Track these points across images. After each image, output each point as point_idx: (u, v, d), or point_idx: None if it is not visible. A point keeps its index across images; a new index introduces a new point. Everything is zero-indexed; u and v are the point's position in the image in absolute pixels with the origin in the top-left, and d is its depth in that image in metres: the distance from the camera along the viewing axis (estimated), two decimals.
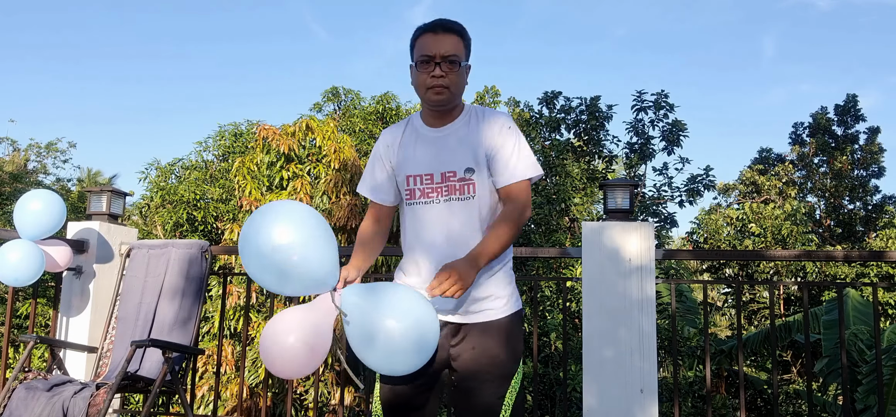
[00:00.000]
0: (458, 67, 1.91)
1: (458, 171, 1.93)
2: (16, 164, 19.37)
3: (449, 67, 1.90)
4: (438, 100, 1.92)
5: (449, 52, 1.90)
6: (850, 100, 16.87)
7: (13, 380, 3.05)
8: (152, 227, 13.26)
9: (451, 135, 1.96)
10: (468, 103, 2.04)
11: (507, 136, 1.93)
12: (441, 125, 1.98)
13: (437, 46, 1.90)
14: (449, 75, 1.89)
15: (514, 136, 1.94)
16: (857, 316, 9.40)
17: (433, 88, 1.90)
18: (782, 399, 12.11)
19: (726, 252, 14.09)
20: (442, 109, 1.96)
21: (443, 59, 1.89)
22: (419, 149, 1.98)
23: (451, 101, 1.93)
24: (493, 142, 1.93)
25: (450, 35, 1.92)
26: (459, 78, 1.92)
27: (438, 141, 1.97)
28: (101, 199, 3.81)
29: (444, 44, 1.90)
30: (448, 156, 1.95)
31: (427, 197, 1.96)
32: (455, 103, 1.96)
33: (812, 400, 3.44)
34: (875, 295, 3.34)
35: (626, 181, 3.40)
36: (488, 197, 1.94)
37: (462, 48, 1.93)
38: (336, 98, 15.23)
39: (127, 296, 3.59)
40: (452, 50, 1.90)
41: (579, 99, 13.88)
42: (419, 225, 1.96)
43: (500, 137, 1.93)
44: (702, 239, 15.08)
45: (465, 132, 1.96)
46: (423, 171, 1.96)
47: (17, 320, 11.81)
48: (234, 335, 8.86)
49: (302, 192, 8.92)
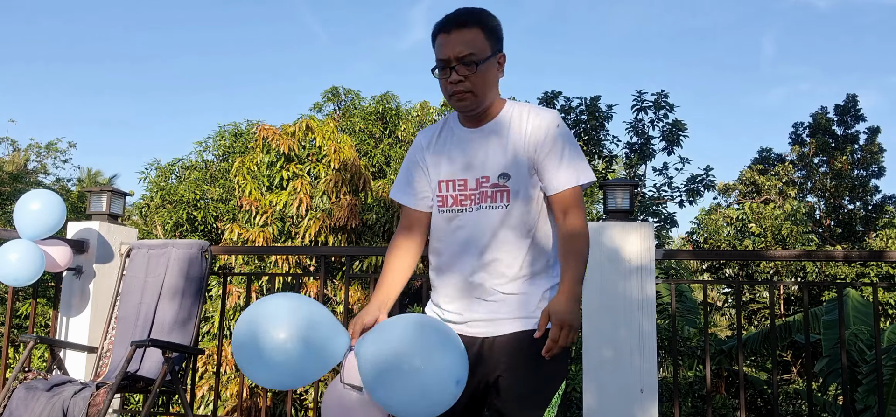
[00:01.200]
0: (477, 67, 1.70)
1: (492, 176, 1.75)
2: (16, 164, 19.37)
3: (467, 69, 1.70)
4: (463, 107, 1.75)
5: (464, 53, 1.69)
6: (850, 100, 16.88)
7: (13, 380, 3.05)
8: (152, 227, 13.26)
9: (488, 137, 1.77)
10: (511, 99, 1.85)
11: (554, 139, 1.73)
12: (477, 125, 1.79)
13: (450, 48, 1.71)
14: (469, 77, 1.70)
15: (561, 139, 1.74)
16: (857, 316, 9.40)
17: (454, 95, 1.73)
18: (782, 399, 12.11)
19: (726, 252, 14.11)
20: (471, 114, 1.78)
21: (458, 62, 1.70)
22: (454, 151, 1.81)
23: (479, 104, 1.74)
24: (538, 146, 1.73)
25: (465, 30, 1.70)
26: (483, 77, 1.71)
27: (474, 142, 1.79)
28: (101, 199, 3.81)
29: (458, 43, 1.70)
30: (482, 159, 1.77)
31: (459, 204, 1.79)
32: (485, 104, 1.76)
33: (812, 400, 3.44)
34: (875, 295, 3.34)
35: (626, 181, 3.40)
36: (524, 206, 1.75)
37: (483, 40, 1.72)
38: (336, 98, 15.23)
39: (127, 296, 3.59)
40: (468, 48, 1.69)
41: (579, 99, 13.88)
42: (447, 235, 1.81)
43: (546, 140, 1.73)
44: (702, 239, 15.09)
45: (504, 133, 1.76)
46: (457, 176, 1.79)
47: (17, 320, 11.81)
48: None
49: (302, 192, 8.92)
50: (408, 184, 1.89)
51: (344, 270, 6.45)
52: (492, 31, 1.74)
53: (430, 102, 14.30)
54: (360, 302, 8.50)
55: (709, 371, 3.40)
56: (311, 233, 8.64)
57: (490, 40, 1.73)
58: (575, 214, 1.73)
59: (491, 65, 1.73)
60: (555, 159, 1.73)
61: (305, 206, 8.87)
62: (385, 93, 14.99)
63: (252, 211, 8.98)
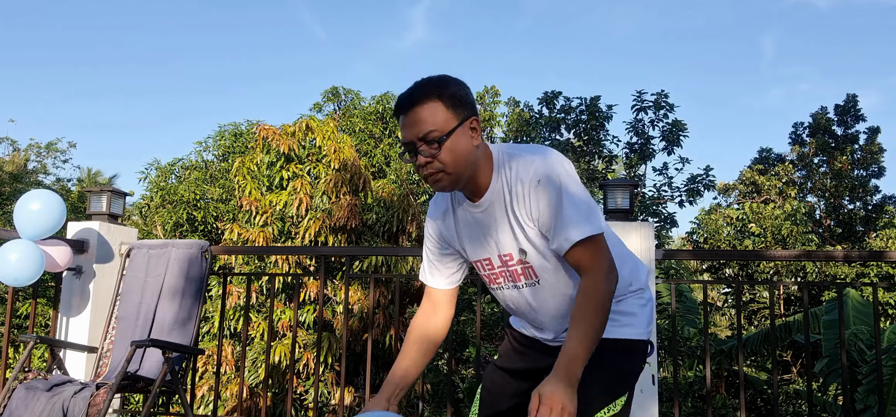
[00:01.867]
0: (440, 144, 1.53)
1: (514, 254, 1.65)
2: (16, 164, 19.37)
3: (431, 148, 1.54)
4: (441, 188, 1.59)
5: (424, 131, 1.53)
6: (850, 100, 16.88)
7: (13, 380, 3.05)
8: (152, 227, 13.27)
9: (490, 216, 1.64)
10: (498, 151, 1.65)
11: (548, 203, 1.56)
12: (478, 199, 1.65)
13: (410, 129, 1.55)
14: (437, 157, 1.54)
15: (555, 196, 1.56)
16: (857, 316, 9.40)
17: (427, 178, 1.57)
18: (782, 399, 12.11)
19: (726, 252, 14.11)
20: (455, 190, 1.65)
21: (421, 142, 1.54)
22: (472, 231, 1.71)
23: (457, 182, 1.58)
24: (531, 211, 1.59)
25: (421, 107, 1.54)
26: (451, 153, 1.54)
27: (482, 220, 1.66)
28: (101, 199, 3.81)
29: (417, 122, 1.54)
30: (495, 239, 1.66)
31: (495, 283, 1.73)
32: (464, 178, 1.59)
33: (812, 400, 3.44)
34: (875, 295, 3.34)
35: (626, 181, 3.40)
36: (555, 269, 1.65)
37: (444, 112, 1.54)
38: (336, 98, 15.24)
39: (127, 296, 3.59)
40: (429, 125, 1.53)
41: (579, 99, 13.88)
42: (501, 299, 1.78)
43: (540, 206, 1.57)
44: (702, 239, 15.09)
45: (502, 212, 1.63)
46: (482, 256, 1.71)
47: (17, 320, 11.81)
48: (234, 335, 8.86)
49: (302, 192, 8.92)
50: (433, 268, 1.81)
51: (344, 270, 6.45)
52: (454, 99, 1.56)
53: None
54: (360, 303, 8.50)
55: (709, 371, 3.40)
56: (311, 233, 8.64)
57: (453, 109, 1.55)
58: (589, 269, 1.55)
59: (460, 136, 1.55)
60: (554, 221, 1.57)
61: (305, 206, 8.87)
62: (385, 94, 15.01)
63: (252, 211, 8.98)
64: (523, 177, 1.58)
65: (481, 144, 1.61)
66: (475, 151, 1.58)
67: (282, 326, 8.59)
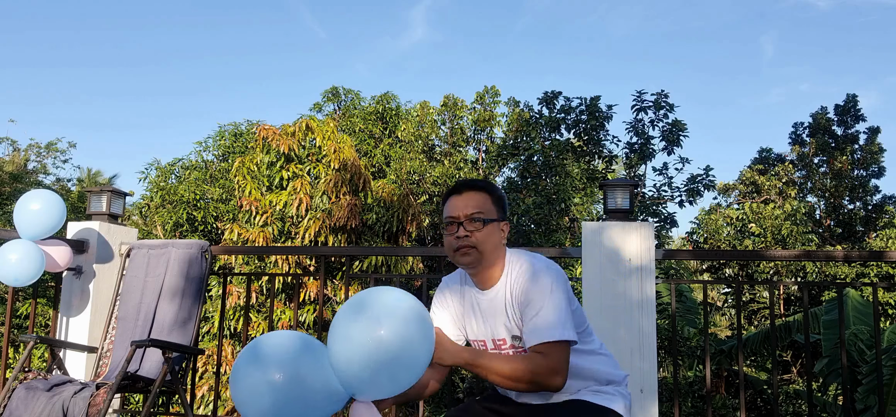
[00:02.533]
0: (484, 225, 1.83)
1: (507, 340, 1.87)
2: (16, 164, 19.37)
3: (473, 225, 1.83)
4: (466, 263, 1.86)
5: (472, 211, 1.84)
6: (850, 100, 16.87)
7: (13, 380, 3.05)
8: (152, 227, 13.27)
9: (496, 300, 1.88)
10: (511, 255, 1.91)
11: (532, 297, 1.80)
12: (487, 287, 1.90)
13: (460, 207, 1.86)
14: (475, 234, 1.83)
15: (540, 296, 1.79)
16: (857, 316, 9.39)
17: (459, 250, 1.84)
18: (782, 399, 12.11)
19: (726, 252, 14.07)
20: (473, 271, 1.89)
21: (466, 219, 1.84)
22: (474, 313, 1.93)
23: (481, 262, 1.85)
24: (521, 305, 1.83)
25: (474, 192, 1.87)
26: (487, 235, 1.84)
27: (486, 306, 1.90)
28: (101, 199, 3.81)
29: (467, 202, 1.85)
30: (492, 325, 1.89)
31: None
32: (486, 263, 1.86)
33: (812, 400, 3.44)
34: (875, 295, 3.34)
35: (626, 181, 3.40)
36: None
37: (490, 205, 1.87)
38: (336, 98, 15.24)
39: (127, 296, 3.59)
40: (476, 207, 1.85)
41: (579, 99, 13.88)
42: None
43: (526, 299, 1.81)
44: (702, 239, 15.08)
45: (507, 296, 1.86)
46: (479, 337, 1.93)
47: (17, 320, 11.81)
48: (234, 335, 8.86)
49: (302, 192, 8.92)
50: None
51: (344, 270, 6.45)
52: (498, 200, 1.90)
53: (430, 102, 14.30)
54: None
55: (709, 371, 3.40)
56: (311, 233, 8.64)
57: (496, 207, 1.88)
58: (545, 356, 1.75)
59: (495, 227, 1.86)
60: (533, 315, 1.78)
61: (305, 206, 8.87)
62: (385, 93, 15.01)
63: (252, 211, 8.98)
64: (523, 279, 1.83)
65: (503, 246, 1.90)
66: (499, 247, 1.88)
67: (282, 326, 8.59)
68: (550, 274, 1.81)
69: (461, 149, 14.30)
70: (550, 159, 13.11)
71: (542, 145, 13.60)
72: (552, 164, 12.99)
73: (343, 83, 22.65)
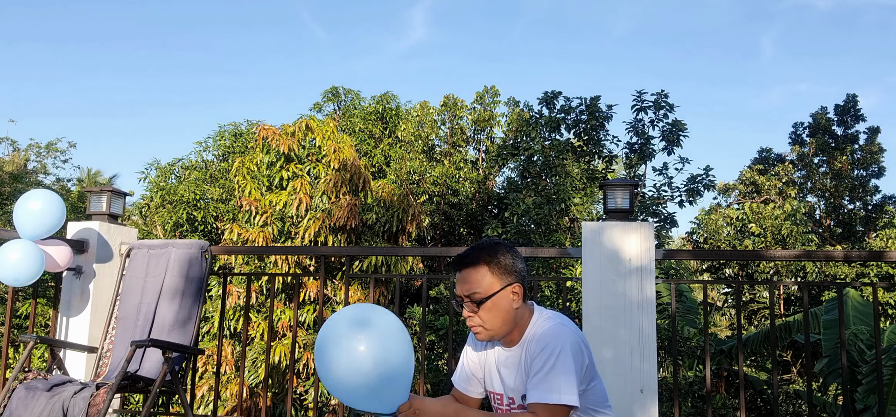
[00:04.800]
0: (480, 305, 1.82)
1: (516, 399, 1.90)
2: (16, 164, 19.37)
3: (473, 306, 1.84)
4: (481, 339, 1.89)
5: (470, 291, 1.83)
6: (850, 100, 16.87)
7: (13, 380, 3.05)
8: (152, 227, 13.26)
9: (514, 360, 1.91)
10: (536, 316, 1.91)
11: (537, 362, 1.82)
12: (509, 346, 1.93)
13: (460, 286, 1.86)
14: (478, 313, 1.83)
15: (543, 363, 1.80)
16: (857, 316, 9.39)
17: (471, 328, 1.88)
18: (782, 399, 12.11)
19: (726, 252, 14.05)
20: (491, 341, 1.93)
21: (466, 299, 1.85)
22: (497, 366, 1.97)
23: (494, 336, 1.87)
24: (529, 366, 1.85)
25: (470, 269, 1.84)
26: (491, 313, 1.83)
27: (507, 363, 1.94)
28: (101, 199, 3.81)
29: (465, 282, 1.85)
30: (509, 383, 1.92)
31: (500, 411, 1.98)
32: (501, 335, 1.89)
33: (812, 400, 3.44)
34: (875, 295, 3.34)
35: (626, 181, 3.40)
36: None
37: (489, 279, 1.82)
38: (336, 98, 15.24)
39: (127, 296, 3.59)
40: (474, 287, 1.82)
41: (579, 99, 13.86)
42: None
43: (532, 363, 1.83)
44: (702, 239, 15.08)
45: (524, 360, 1.88)
46: (495, 390, 1.97)
47: (17, 320, 11.81)
48: (234, 335, 8.86)
49: (302, 192, 8.92)
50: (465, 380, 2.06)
51: (344, 270, 6.45)
52: (500, 266, 1.83)
53: (430, 102, 14.30)
54: (360, 302, 8.52)
55: (709, 371, 3.40)
56: (310, 233, 8.64)
57: (499, 275, 1.83)
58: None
59: (500, 299, 1.83)
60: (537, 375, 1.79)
61: (305, 206, 8.87)
62: (385, 93, 15.00)
63: (252, 211, 8.98)
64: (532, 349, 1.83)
65: (522, 306, 1.87)
66: (515, 312, 1.85)
67: (282, 326, 8.59)
68: (563, 337, 1.79)
69: (461, 149, 14.30)
70: (550, 159, 13.11)
71: (542, 145, 13.60)
72: (552, 164, 12.98)
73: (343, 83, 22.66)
